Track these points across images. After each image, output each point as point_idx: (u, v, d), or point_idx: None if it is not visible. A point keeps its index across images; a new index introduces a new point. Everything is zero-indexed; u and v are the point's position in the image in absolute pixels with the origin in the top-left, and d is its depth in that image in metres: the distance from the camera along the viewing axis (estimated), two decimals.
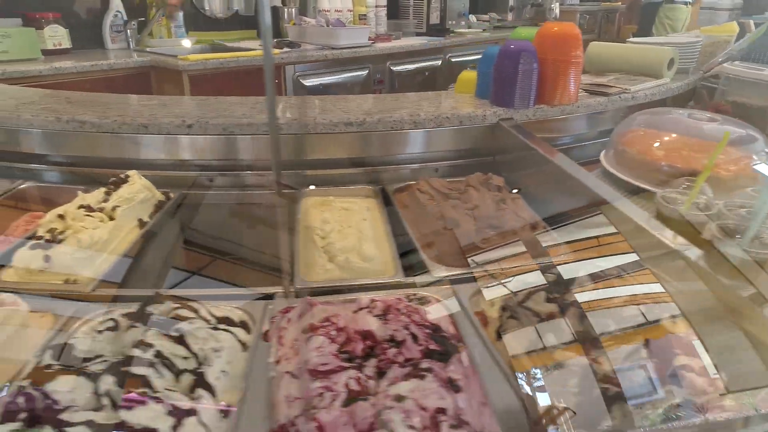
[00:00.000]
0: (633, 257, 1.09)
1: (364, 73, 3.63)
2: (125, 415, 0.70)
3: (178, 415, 0.73)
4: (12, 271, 1.14)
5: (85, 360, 0.83)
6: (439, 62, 4.26)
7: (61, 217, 1.23)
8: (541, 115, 1.66)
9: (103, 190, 1.33)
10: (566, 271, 1.05)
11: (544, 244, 1.20)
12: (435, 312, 1.01)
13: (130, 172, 1.40)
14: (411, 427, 0.72)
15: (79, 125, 1.48)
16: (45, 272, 1.12)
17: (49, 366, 0.79)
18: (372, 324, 0.93)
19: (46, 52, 2.82)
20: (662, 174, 1.47)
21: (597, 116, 1.88)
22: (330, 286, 1.10)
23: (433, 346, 0.88)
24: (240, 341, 0.94)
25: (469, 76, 1.82)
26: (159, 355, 0.81)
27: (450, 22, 4.61)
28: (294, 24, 3.61)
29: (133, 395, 0.73)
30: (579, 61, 1.64)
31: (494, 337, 0.97)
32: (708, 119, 1.52)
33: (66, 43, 2.91)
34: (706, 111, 1.70)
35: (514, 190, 1.47)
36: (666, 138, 1.55)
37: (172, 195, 1.45)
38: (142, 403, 0.71)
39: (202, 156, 1.50)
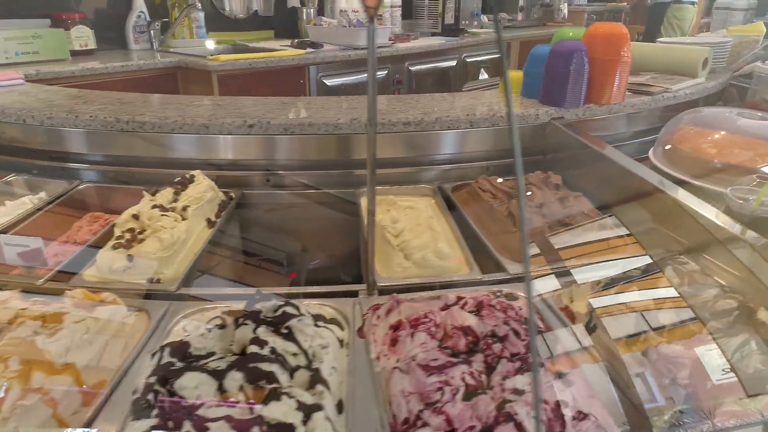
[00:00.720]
0: (705, 252, 1.12)
1: (384, 73, 3.64)
2: (261, 410, 0.71)
3: (307, 410, 0.74)
4: (94, 270, 1.15)
5: (200, 357, 0.84)
6: (455, 62, 4.28)
7: (135, 217, 1.24)
8: (590, 114, 1.69)
9: (171, 190, 1.34)
10: (645, 265, 1.07)
11: (617, 240, 1.22)
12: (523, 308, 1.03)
13: (195, 172, 1.41)
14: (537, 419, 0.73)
15: (139, 126, 1.49)
16: (127, 271, 1.13)
17: (171, 363, 0.80)
18: (469, 320, 0.94)
19: (73, 53, 2.81)
20: (716, 171, 1.49)
21: (635, 115, 1.90)
22: (415, 284, 1.11)
23: None
24: (338, 338, 0.96)
25: (515, 75, 1.84)
26: (273, 351, 0.83)
27: (463, 22, 4.63)
28: (314, 24, 3.62)
29: (265, 391, 0.74)
30: (627, 61, 1.66)
31: (586, 332, 0.99)
32: (760, 117, 1.54)
33: (91, 44, 2.91)
34: (750, 110, 1.72)
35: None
36: (717, 136, 1.57)
37: (233, 195, 1.46)
38: (277, 398, 0.73)
39: (261, 155, 1.51)
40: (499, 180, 1.46)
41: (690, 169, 1.52)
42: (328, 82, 3.29)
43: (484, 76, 4.64)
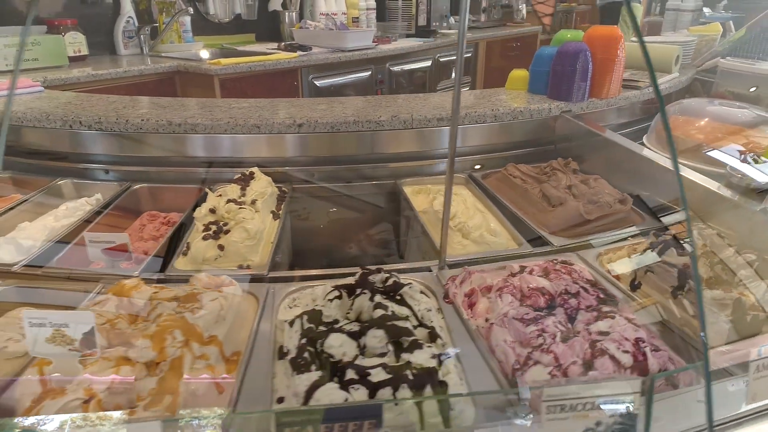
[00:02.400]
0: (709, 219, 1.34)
1: (368, 74, 3.78)
2: (409, 357, 0.85)
3: (439, 357, 0.88)
4: (185, 261, 1.24)
5: (329, 323, 0.96)
6: (430, 62, 4.47)
7: (212, 211, 1.34)
8: (593, 107, 1.89)
9: (236, 186, 1.44)
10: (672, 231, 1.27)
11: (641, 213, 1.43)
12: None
13: (253, 169, 1.51)
14: (625, 351, 0.91)
15: (191, 128, 1.57)
16: (218, 260, 1.23)
17: (312, 329, 0.92)
18: (542, 282, 1.11)
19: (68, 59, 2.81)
20: (700, 152, 1.73)
21: (623, 108, 2.13)
22: (479, 258, 1.27)
23: (602, 295, 1.07)
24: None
25: (520, 74, 2.03)
26: (394, 314, 0.96)
27: (434, 24, 4.83)
28: (300, 27, 3.71)
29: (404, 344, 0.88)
30: (623, 59, 1.88)
31: (630, 289, 1.17)
32: (738, 107, 1.79)
33: (84, 50, 2.90)
34: (725, 100, 1.98)
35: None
36: (702, 123, 1.81)
37: (285, 189, 1.57)
38: (419, 347, 0.86)
39: (308, 152, 1.63)
40: (524, 167, 1.64)
41: (682, 152, 1.75)
42: (318, 83, 3.40)
43: (454, 75, 4.86)
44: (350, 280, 1.09)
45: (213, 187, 1.52)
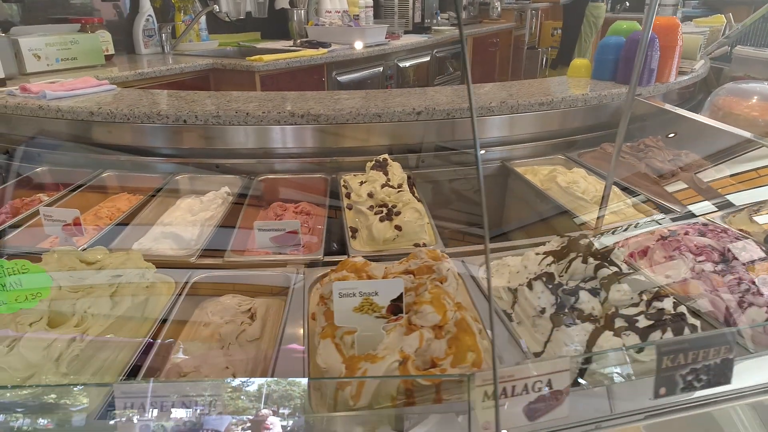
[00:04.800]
0: None
1: (380, 69, 3.84)
2: (659, 305, 0.95)
3: (675, 305, 0.99)
4: (362, 242, 1.29)
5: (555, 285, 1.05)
6: (429, 57, 4.58)
7: (370, 195, 1.38)
8: (656, 90, 2.06)
9: (378, 171, 1.49)
10: None
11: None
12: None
13: (385, 155, 1.56)
14: None
15: (314, 118, 1.60)
16: (396, 240, 1.28)
17: (553, 289, 1.00)
18: (706, 240, 1.24)
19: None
20: (758, 127, 1.93)
21: (672, 91, 2.31)
22: (620, 226, 1.39)
23: (763, 248, 1.22)
24: None
25: (582, 62, 2.17)
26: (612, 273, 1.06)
27: (426, 21, 4.95)
28: (313, 24, 3.72)
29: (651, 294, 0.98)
30: (680, 48, 2.06)
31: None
32: None
33: (111, 49, 2.80)
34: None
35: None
36: (753, 101, 2.02)
37: (409, 174, 1.63)
38: (666, 296, 0.97)
39: (421, 138, 1.69)
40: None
41: (743, 128, 1.95)
42: (340, 78, 3.44)
43: (449, 70, 5.00)
44: (542, 249, 1.18)
45: (343, 175, 1.57)
